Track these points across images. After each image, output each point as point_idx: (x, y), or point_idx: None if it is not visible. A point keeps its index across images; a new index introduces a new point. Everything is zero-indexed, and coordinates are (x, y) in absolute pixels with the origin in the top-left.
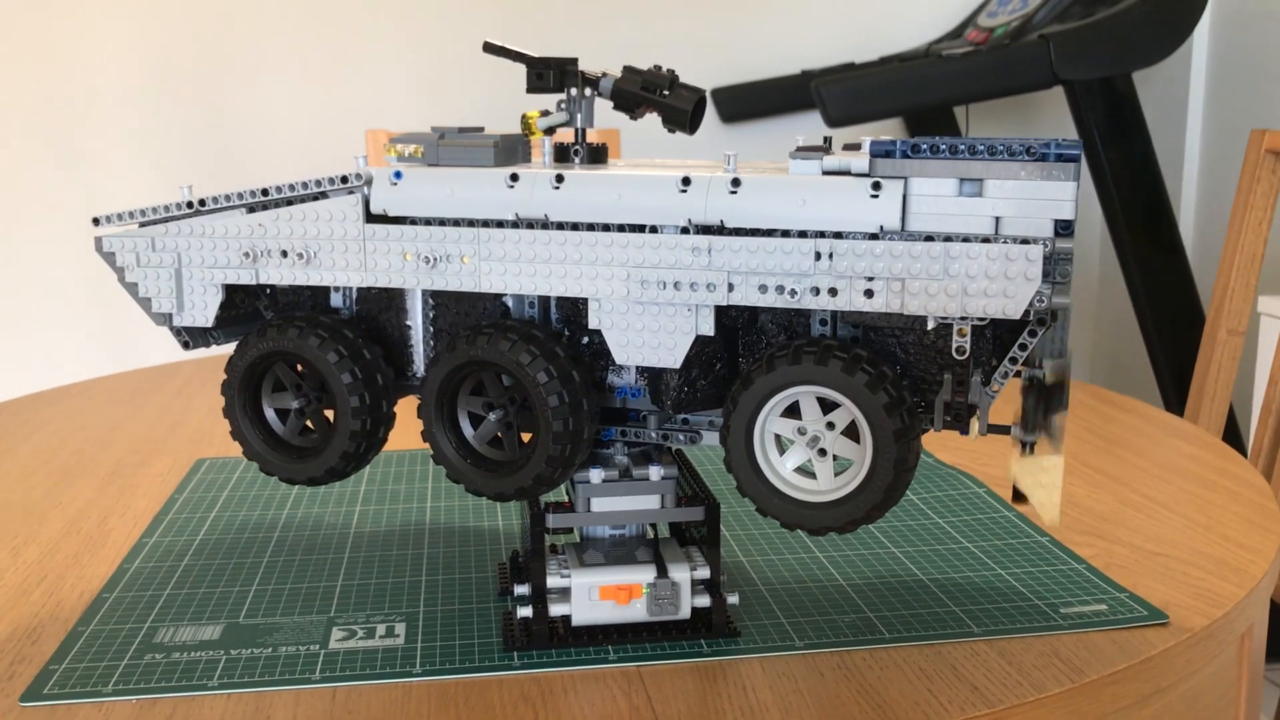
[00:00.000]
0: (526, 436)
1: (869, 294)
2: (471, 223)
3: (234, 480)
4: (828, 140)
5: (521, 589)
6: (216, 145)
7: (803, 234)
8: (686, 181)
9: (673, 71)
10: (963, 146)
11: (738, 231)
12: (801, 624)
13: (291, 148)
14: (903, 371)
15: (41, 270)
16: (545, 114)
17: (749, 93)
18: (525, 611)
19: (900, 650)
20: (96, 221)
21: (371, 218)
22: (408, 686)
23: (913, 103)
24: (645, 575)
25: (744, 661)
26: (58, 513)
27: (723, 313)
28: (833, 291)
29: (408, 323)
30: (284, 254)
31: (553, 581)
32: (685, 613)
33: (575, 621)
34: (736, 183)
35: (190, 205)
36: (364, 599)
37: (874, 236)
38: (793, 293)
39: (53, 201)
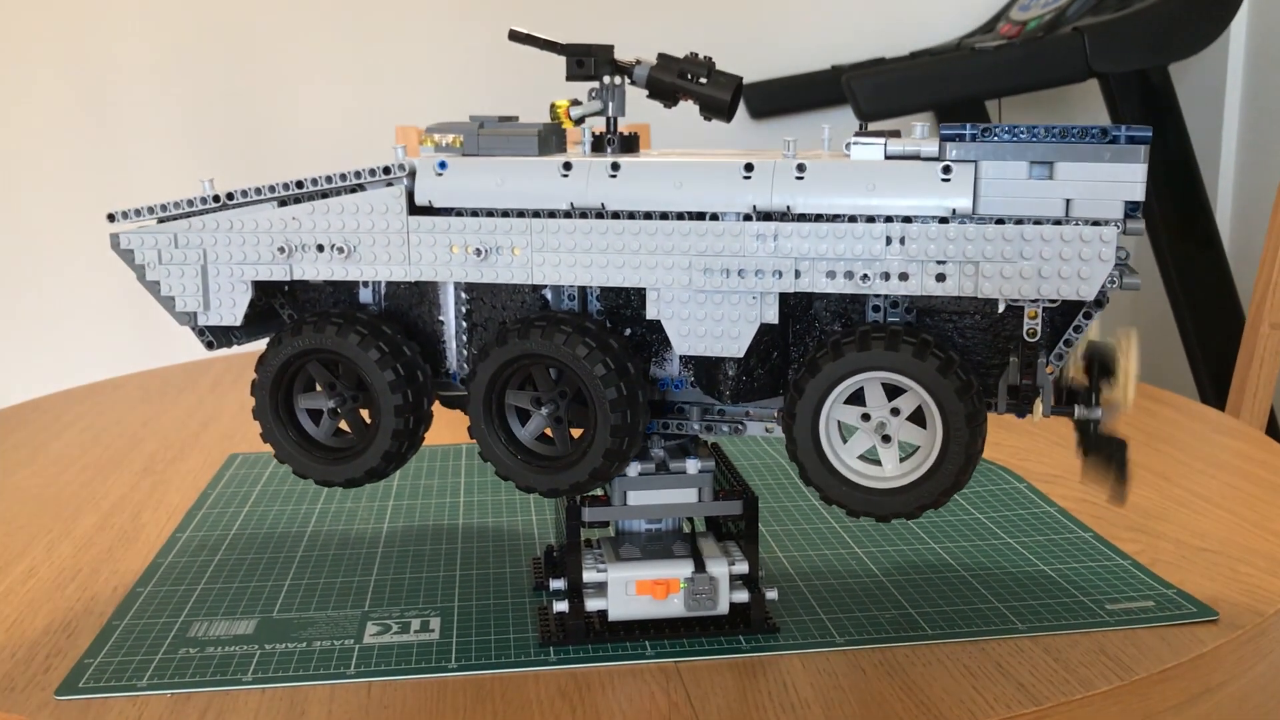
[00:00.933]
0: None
1: (940, 278)
2: (521, 213)
3: (266, 475)
4: (863, 126)
5: (557, 584)
6: (246, 141)
7: (870, 219)
8: (749, 168)
9: (710, 58)
10: (1033, 130)
11: (801, 217)
12: (841, 620)
13: (320, 144)
14: (962, 356)
15: (72, 267)
16: (576, 103)
17: (778, 88)
18: (561, 606)
19: (943, 647)
20: (111, 218)
21: (415, 209)
22: (443, 682)
23: (945, 96)
24: (683, 570)
25: (784, 658)
26: (91, 507)
27: (781, 300)
28: (903, 276)
29: (440, 318)
30: (320, 248)
31: (589, 576)
32: (723, 608)
33: (612, 616)
34: (802, 168)
35: (216, 199)
36: (398, 594)
37: (943, 220)
38: (864, 277)
39: (83, 198)
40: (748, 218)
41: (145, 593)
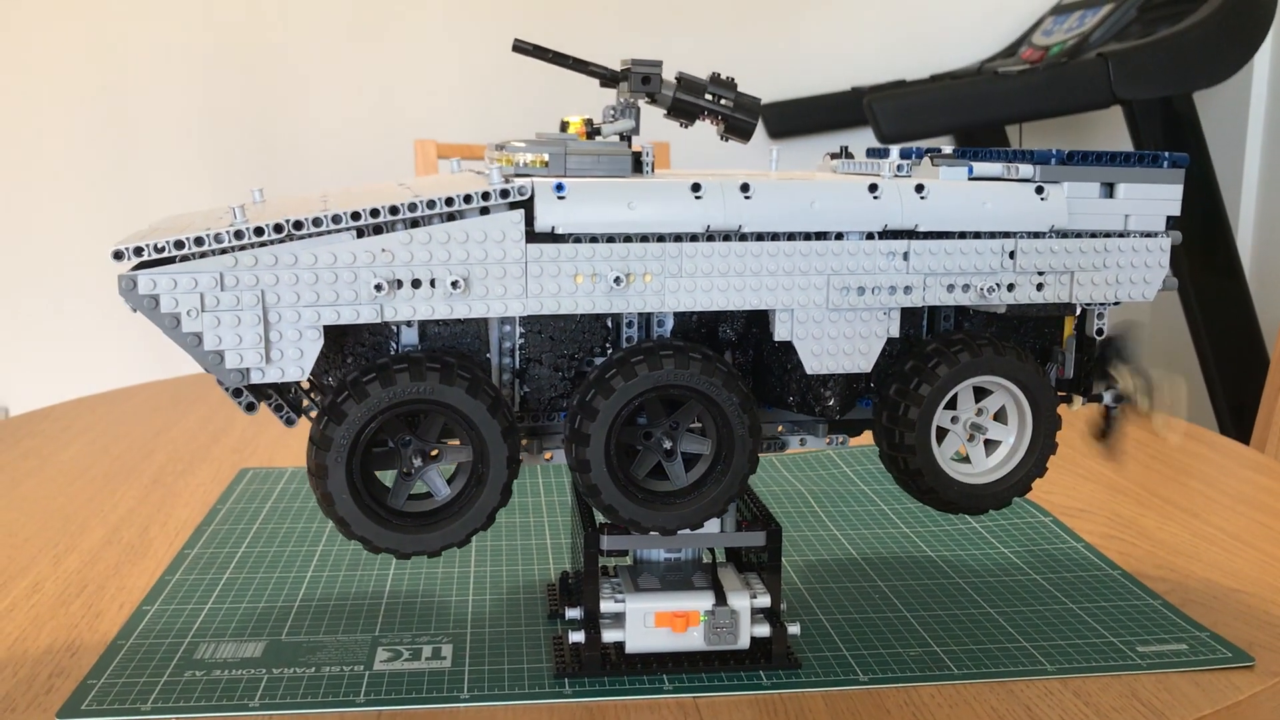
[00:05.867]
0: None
1: (1040, 287)
2: (645, 238)
3: (277, 491)
4: (843, 150)
5: (573, 613)
6: (260, 154)
7: (978, 235)
8: (874, 188)
9: (733, 79)
10: (1100, 155)
11: (917, 234)
12: (865, 657)
13: (339, 160)
14: None
15: (84, 275)
16: (589, 121)
17: (798, 109)
18: (577, 636)
19: (970, 687)
20: (119, 255)
21: (533, 236)
22: (454, 712)
23: (967, 120)
24: (703, 602)
25: (806, 695)
26: (99, 520)
27: None
28: (1010, 287)
29: (487, 355)
30: (416, 284)
31: (606, 606)
32: (744, 642)
33: (629, 649)
34: (921, 188)
35: (279, 229)
36: (410, 618)
37: (1036, 235)
38: (991, 289)
39: (95, 207)
40: (871, 236)
41: (152, 611)
